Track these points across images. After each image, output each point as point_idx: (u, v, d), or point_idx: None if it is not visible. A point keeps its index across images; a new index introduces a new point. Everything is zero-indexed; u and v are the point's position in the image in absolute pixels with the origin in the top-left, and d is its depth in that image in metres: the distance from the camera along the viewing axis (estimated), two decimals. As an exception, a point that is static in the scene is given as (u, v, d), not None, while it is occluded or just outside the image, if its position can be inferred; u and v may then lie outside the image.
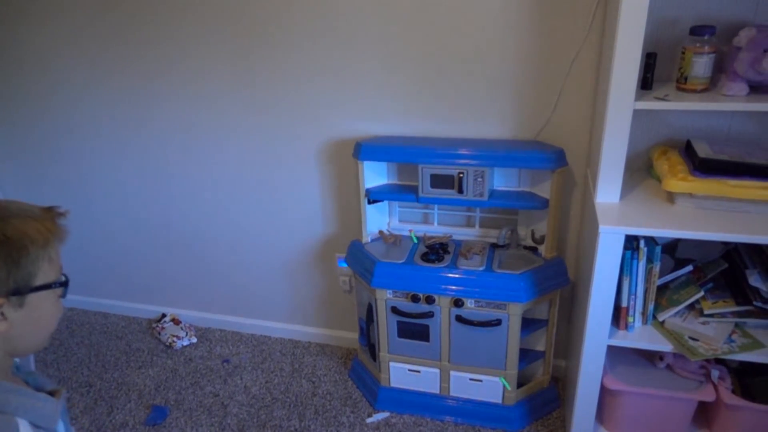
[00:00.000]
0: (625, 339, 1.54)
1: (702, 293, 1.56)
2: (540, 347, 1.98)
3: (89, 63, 2.17)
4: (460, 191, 1.78)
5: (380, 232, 2.00)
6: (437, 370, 1.95)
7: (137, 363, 2.39)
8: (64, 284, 0.85)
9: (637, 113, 1.38)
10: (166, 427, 2.03)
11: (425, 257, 1.86)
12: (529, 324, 1.89)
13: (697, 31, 1.39)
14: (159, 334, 2.52)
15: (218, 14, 1.94)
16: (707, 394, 1.61)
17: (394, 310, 1.87)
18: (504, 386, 1.88)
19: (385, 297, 1.87)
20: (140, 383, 2.26)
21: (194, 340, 2.51)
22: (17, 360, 0.90)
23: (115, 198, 2.45)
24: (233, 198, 2.27)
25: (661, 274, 1.57)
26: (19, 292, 0.79)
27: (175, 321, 2.58)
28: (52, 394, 0.88)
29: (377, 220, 2.03)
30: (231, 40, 1.96)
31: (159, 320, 2.60)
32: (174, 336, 2.47)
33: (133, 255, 2.57)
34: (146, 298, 2.68)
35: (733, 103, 1.35)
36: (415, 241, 1.97)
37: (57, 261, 0.85)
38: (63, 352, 2.48)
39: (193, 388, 2.23)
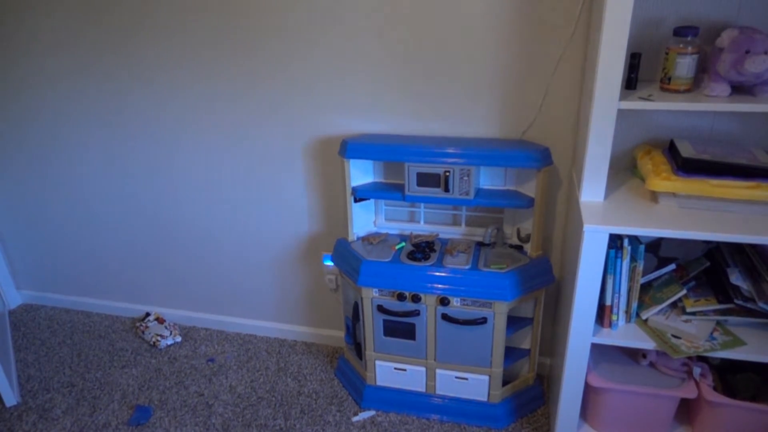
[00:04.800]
0: (609, 337, 1.56)
1: (684, 291, 1.58)
2: (525, 345, 1.99)
3: (79, 67, 2.14)
4: (447, 190, 1.78)
5: (363, 238, 2.00)
6: (423, 369, 1.96)
7: (120, 362, 2.36)
8: None
9: (621, 113, 1.39)
10: (149, 427, 2.01)
11: (411, 256, 1.86)
12: (514, 322, 1.90)
13: (680, 32, 1.40)
14: (143, 333, 2.49)
15: (206, 13, 1.92)
16: (689, 391, 1.63)
17: (380, 309, 1.87)
18: (489, 384, 1.89)
19: (371, 295, 1.87)
20: (123, 383, 2.24)
21: (179, 339, 2.48)
22: None
23: (98, 196, 2.42)
24: (219, 195, 2.25)
25: (645, 273, 1.59)
26: None
27: (160, 320, 2.55)
28: None
29: (363, 218, 2.02)
30: (217, 38, 1.95)
31: (143, 319, 2.58)
32: (158, 335, 2.45)
33: (116, 253, 2.54)
34: (130, 297, 2.65)
35: (715, 103, 1.36)
36: (403, 244, 1.96)
37: None
38: (44, 351, 2.45)
39: (177, 387, 2.21)
